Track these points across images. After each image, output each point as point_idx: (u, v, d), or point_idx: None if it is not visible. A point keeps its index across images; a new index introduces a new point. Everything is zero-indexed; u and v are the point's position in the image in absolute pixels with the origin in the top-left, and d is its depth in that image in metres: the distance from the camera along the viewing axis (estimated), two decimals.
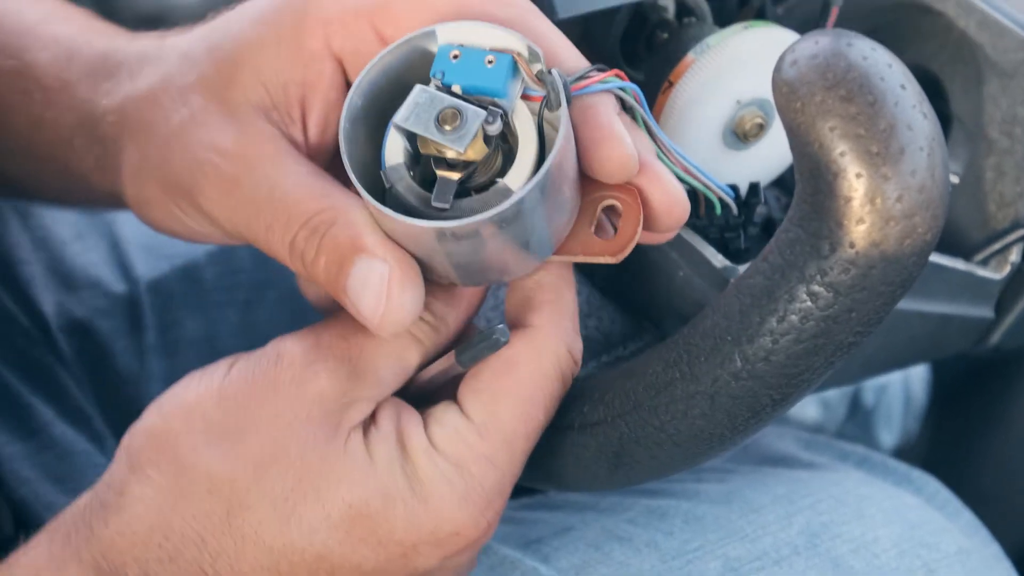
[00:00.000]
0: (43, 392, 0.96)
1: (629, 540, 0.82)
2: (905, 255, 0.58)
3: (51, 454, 0.93)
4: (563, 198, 0.64)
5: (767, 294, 0.60)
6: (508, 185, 0.62)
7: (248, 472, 0.64)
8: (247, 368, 0.66)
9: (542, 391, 0.67)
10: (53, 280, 1.01)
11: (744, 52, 0.74)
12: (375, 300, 0.63)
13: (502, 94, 0.63)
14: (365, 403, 0.66)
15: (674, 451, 0.66)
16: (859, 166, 0.56)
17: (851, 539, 0.83)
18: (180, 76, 0.69)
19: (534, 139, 0.63)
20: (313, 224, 0.64)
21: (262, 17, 0.68)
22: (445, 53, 0.63)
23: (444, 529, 0.65)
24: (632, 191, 0.66)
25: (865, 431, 1.36)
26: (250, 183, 0.66)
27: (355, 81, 0.64)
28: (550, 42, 0.65)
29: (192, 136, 0.67)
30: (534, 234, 0.64)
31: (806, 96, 0.57)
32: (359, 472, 0.64)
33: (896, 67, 0.57)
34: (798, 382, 0.62)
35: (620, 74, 0.65)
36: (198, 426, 0.65)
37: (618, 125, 0.64)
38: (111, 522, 0.65)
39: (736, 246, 0.76)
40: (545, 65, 0.63)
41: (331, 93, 0.68)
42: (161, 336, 1.03)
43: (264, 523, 0.64)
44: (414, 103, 0.62)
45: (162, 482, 0.65)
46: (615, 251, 0.66)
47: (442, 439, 0.65)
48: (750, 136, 0.77)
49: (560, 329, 0.68)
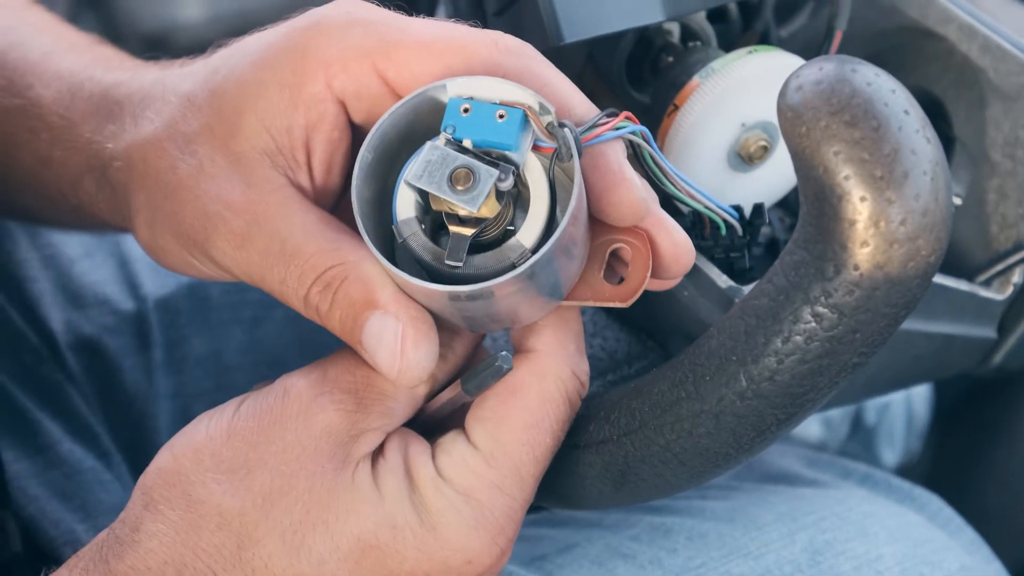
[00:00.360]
0: (51, 409, 0.96)
1: (633, 557, 0.83)
2: (909, 277, 0.58)
3: (59, 472, 0.94)
4: (575, 250, 0.65)
5: (772, 315, 0.61)
6: (522, 242, 0.62)
7: (257, 505, 0.65)
8: (255, 405, 0.67)
9: (548, 415, 0.67)
10: (61, 297, 1.01)
11: (748, 76, 0.75)
12: (391, 355, 0.64)
13: (514, 148, 0.62)
14: (373, 434, 0.67)
15: (679, 470, 0.67)
16: (863, 190, 0.57)
17: (854, 557, 0.84)
18: (184, 122, 0.69)
19: (546, 192, 0.63)
20: (326, 279, 0.65)
21: (263, 60, 0.68)
22: (455, 107, 0.63)
23: (456, 558, 0.65)
24: (641, 235, 0.66)
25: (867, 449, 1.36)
26: (261, 238, 0.66)
27: (367, 137, 0.64)
28: (558, 90, 0.65)
29: (200, 188, 0.67)
30: (546, 288, 0.65)
31: (811, 121, 0.57)
32: (367, 504, 0.65)
33: (900, 92, 0.58)
34: (802, 402, 0.63)
35: (630, 115, 0.65)
36: (208, 463, 0.66)
37: (628, 170, 0.65)
38: (126, 557, 0.66)
39: (741, 265, 0.77)
40: (556, 117, 0.63)
41: (334, 134, 0.68)
42: (168, 353, 1.03)
43: (274, 556, 0.65)
44: (426, 161, 0.62)
45: (174, 518, 0.65)
46: (625, 297, 0.66)
47: (449, 469, 0.66)
48: (755, 158, 0.78)
49: (564, 352, 0.68)
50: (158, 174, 0.69)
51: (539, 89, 0.64)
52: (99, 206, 0.76)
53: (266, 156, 0.68)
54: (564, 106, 0.65)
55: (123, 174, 0.72)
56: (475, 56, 0.65)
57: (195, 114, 0.69)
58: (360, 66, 0.66)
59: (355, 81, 0.66)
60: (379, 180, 0.65)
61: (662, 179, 0.68)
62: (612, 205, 0.65)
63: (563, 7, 0.73)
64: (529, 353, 0.68)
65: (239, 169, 0.67)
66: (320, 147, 0.68)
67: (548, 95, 0.64)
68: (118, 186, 0.73)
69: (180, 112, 0.70)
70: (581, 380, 0.69)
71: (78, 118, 0.76)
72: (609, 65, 0.84)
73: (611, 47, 0.83)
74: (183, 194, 0.68)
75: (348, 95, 0.67)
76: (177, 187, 0.68)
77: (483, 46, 0.65)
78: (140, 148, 0.71)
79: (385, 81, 0.66)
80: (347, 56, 0.66)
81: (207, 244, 0.68)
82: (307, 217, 0.67)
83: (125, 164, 0.71)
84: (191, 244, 0.68)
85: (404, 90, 0.66)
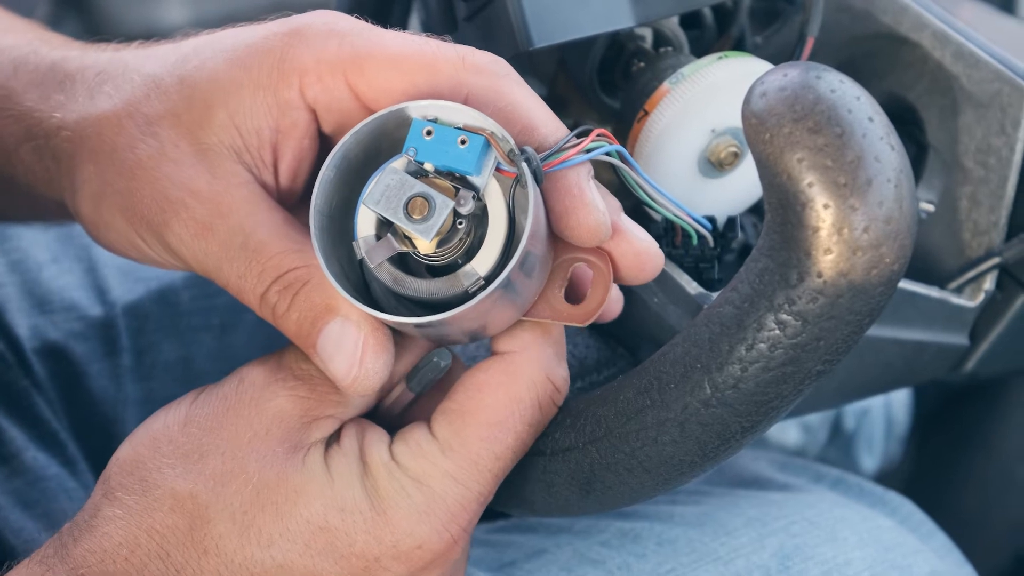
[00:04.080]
0: (16, 416, 0.96)
1: (602, 563, 0.83)
2: (872, 285, 0.58)
3: (22, 480, 0.94)
4: (533, 273, 0.65)
5: (736, 323, 0.61)
6: (476, 270, 0.63)
7: (208, 488, 0.66)
8: (211, 393, 0.69)
9: (513, 415, 0.67)
10: (28, 303, 1.01)
11: (718, 82, 0.75)
12: (347, 363, 0.65)
13: (475, 173, 0.63)
14: (327, 421, 0.68)
15: (645, 477, 0.66)
16: (827, 197, 0.57)
17: (823, 561, 0.84)
18: (147, 103, 0.69)
19: (504, 219, 0.64)
20: (287, 280, 0.66)
21: (239, 59, 0.68)
22: (418, 128, 0.63)
23: (405, 543, 0.66)
24: (603, 254, 0.67)
25: (846, 455, 1.36)
26: (223, 230, 0.66)
27: (329, 155, 0.64)
28: (525, 110, 0.65)
29: (161, 171, 0.67)
30: (503, 311, 0.65)
31: (774, 128, 0.57)
32: (315, 486, 0.66)
33: (864, 99, 0.58)
34: (767, 409, 0.63)
35: (605, 133, 0.65)
36: (165, 450, 0.67)
37: (590, 192, 0.65)
38: (82, 541, 0.67)
39: (709, 276, 0.77)
40: (516, 145, 0.63)
41: (304, 142, 0.69)
42: (137, 359, 1.03)
43: (224, 536, 0.66)
44: (385, 185, 0.62)
45: (130, 502, 0.67)
46: (583, 318, 0.67)
47: (404, 455, 0.67)
48: (725, 164, 0.77)
49: (540, 356, 0.68)
50: (114, 151, 0.69)
51: (503, 109, 0.65)
52: (35, 176, 0.75)
53: (233, 152, 0.68)
54: (529, 126, 0.65)
55: (71, 145, 0.71)
56: (441, 73, 0.65)
57: (160, 97, 0.69)
58: (333, 78, 0.67)
59: (327, 92, 0.67)
60: (345, 189, 0.66)
61: (636, 188, 0.68)
62: (571, 228, 0.65)
63: (533, 12, 0.73)
64: (504, 355, 0.68)
65: (205, 160, 0.67)
66: (289, 153, 0.69)
67: (513, 115, 0.64)
68: (62, 156, 0.72)
69: (143, 92, 0.70)
70: (556, 386, 0.69)
71: (20, 88, 0.75)
72: (581, 70, 0.84)
73: (583, 52, 0.83)
74: (141, 174, 0.68)
75: (320, 105, 0.68)
76: (135, 166, 0.68)
77: (449, 64, 0.66)
78: (94, 122, 0.70)
79: (356, 95, 0.67)
80: (322, 67, 0.67)
81: (163, 228, 0.67)
82: (272, 216, 0.67)
83: (75, 135, 0.71)
84: (143, 225, 0.68)
85: (373, 104, 0.66)
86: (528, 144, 0.64)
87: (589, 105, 0.86)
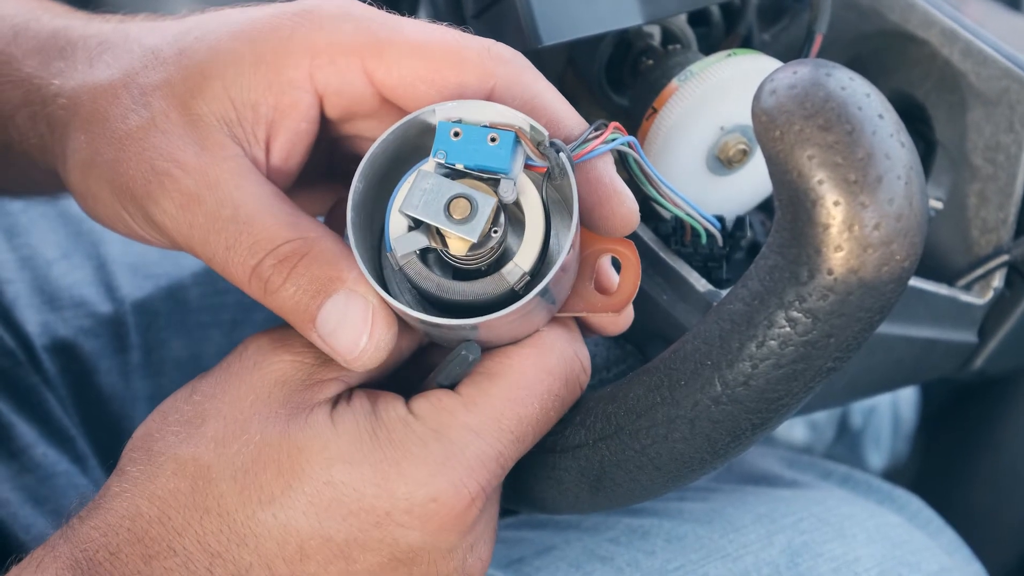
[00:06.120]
0: (27, 412, 0.96)
1: (611, 560, 0.83)
2: (883, 282, 0.58)
3: (32, 476, 0.93)
4: (571, 267, 0.64)
5: (747, 320, 0.61)
6: (520, 266, 0.62)
7: (210, 449, 0.64)
8: (218, 366, 0.67)
9: (541, 383, 0.66)
10: (38, 299, 1.01)
11: (727, 79, 0.75)
12: (354, 335, 0.63)
13: (509, 171, 0.62)
14: (332, 383, 0.66)
15: (655, 475, 0.66)
16: (837, 194, 0.57)
17: (832, 558, 0.84)
18: (144, 73, 0.68)
19: (541, 213, 0.63)
20: (282, 252, 0.64)
21: (243, 33, 0.67)
22: (445, 131, 0.62)
23: (419, 494, 0.63)
24: (630, 244, 0.66)
25: (853, 452, 1.36)
26: (212, 200, 0.65)
27: (359, 167, 0.63)
28: (549, 104, 0.65)
29: (149, 141, 0.66)
30: (540, 312, 0.65)
31: (784, 125, 0.57)
32: (320, 442, 0.63)
33: (874, 96, 0.58)
34: (777, 406, 0.63)
35: (618, 126, 0.65)
36: (171, 419, 0.66)
37: (619, 182, 0.64)
38: (88, 519, 0.66)
39: (718, 276, 0.77)
40: (548, 138, 0.63)
41: (302, 124, 0.67)
42: (146, 356, 1.03)
43: (226, 495, 0.64)
44: (420, 189, 0.61)
45: (135, 473, 0.66)
46: (617, 306, 0.66)
47: (423, 408, 0.64)
48: (734, 162, 0.77)
49: (568, 334, 0.67)
50: (106, 120, 0.68)
51: (530, 101, 0.64)
52: (30, 142, 0.74)
53: (224, 124, 0.66)
54: (554, 120, 0.64)
55: (66, 112, 0.70)
56: (467, 61, 0.64)
57: (157, 68, 0.68)
58: (348, 61, 0.65)
59: (339, 76, 0.66)
60: (368, 204, 0.65)
61: (646, 185, 0.68)
62: (605, 218, 0.65)
63: (541, 10, 0.73)
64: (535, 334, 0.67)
65: (194, 130, 0.66)
66: (285, 134, 0.67)
67: (538, 108, 0.64)
68: (56, 124, 0.71)
69: (141, 63, 0.68)
70: (583, 365, 0.68)
71: (20, 54, 0.74)
72: (589, 68, 0.84)
73: (591, 50, 0.83)
74: (130, 145, 0.66)
75: (330, 89, 0.66)
76: (124, 137, 0.67)
77: (475, 53, 0.65)
78: (91, 90, 0.69)
79: (372, 81, 0.66)
80: (335, 49, 0.65)
81: (147, 200, 0.66)
82: (262, 189, 0.65)
83: (70, 103, 0.70)
84: (128, 197, 0.67)
85: (391, 91, 0.65)
86: (555, 137, 0.64)
87: (597, 103, 0.86)
